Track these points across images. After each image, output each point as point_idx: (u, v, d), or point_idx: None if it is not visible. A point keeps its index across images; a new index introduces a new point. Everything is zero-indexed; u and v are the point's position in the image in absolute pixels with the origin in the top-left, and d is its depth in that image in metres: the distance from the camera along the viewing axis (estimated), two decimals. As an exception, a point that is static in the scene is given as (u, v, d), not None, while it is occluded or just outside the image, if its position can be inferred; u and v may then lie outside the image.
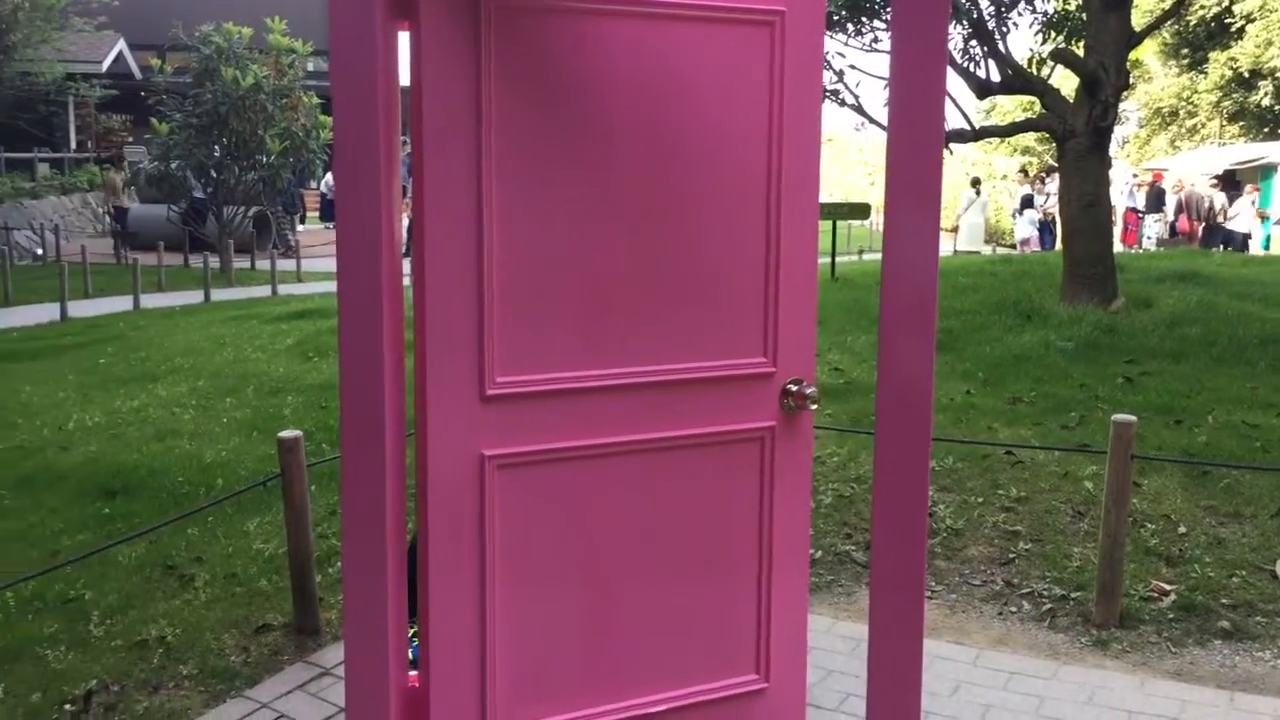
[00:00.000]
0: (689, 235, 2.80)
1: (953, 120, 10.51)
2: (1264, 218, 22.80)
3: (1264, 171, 23.71)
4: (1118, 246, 18.57)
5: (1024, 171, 24.34)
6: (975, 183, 24.18)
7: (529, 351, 2.65)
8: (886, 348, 2.32)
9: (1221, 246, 19.99)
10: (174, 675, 3.71)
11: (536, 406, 2.67)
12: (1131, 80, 9.66)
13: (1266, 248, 20.95)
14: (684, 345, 2.82)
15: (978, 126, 10.21)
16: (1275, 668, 3.70)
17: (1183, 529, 4.60)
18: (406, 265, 2.53)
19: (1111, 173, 9.45)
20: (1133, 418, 3.96)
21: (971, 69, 9.87)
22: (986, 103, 29.94)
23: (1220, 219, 21.89)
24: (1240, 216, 21.09)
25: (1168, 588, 4.17)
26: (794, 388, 2.93)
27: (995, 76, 9.64)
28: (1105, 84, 8.49)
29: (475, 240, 2.56)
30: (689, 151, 2.77)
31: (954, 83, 10.00)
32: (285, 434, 4.00)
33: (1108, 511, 3.93)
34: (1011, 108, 29.82)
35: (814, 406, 2.95)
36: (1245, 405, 6.08)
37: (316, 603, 4.08)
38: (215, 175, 19.26)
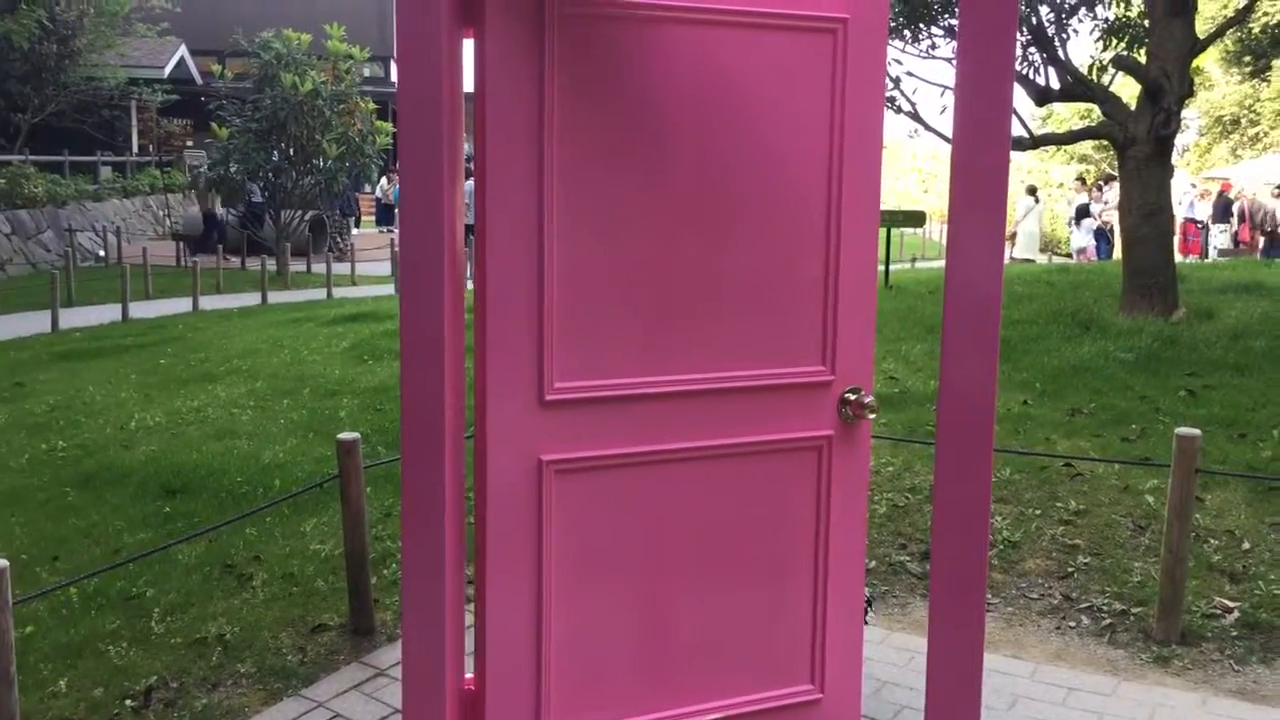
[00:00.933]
0: (749, 243, 2.79)
1: (1011, 128, 10.38)
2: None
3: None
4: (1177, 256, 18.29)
5: (1081, 180, 24.00)
6: (1032, 190, 23.86)
7: (588, 357, 2.66)
8: (949, 357, 2.31)
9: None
10: (232, 673, 3.76)
11: (595, 412, 2.68)
12: (1193, 88, 9.50)
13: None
14: (743, 353, 2.82)
15: (1036, 134, 10.10)
16: (1342, 688, 3.61)
17: (1246, 545, 4.51)
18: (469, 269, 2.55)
19: (1172, 182, 9.29)
20: (1196, 431, 3.89)
21: (1031, 76, 9.76)
22: (1044, 110, 29.63)
23: (1280, 228, 21.47)
24: None
25: (1231, 604, 4.10)
26: (852, 396, 2.92)
27: (1055, 84, 9.53)
28: (1168, 91, 8.36)
29: (536, 246, 2.57)
30: (750, 159, 2.77)
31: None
32: (343, 436, 4.04)
33: (1170, 526, 3.87)
34: (1069, 115, 29.46)
35: (872, 416, 2.94)
36: (1312, 419, 5.96)
37: (372, 604, 4.12)
38: (273, 179, 19.52)
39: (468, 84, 2.54)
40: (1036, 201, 22.83)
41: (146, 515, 5.43)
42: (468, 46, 2.53)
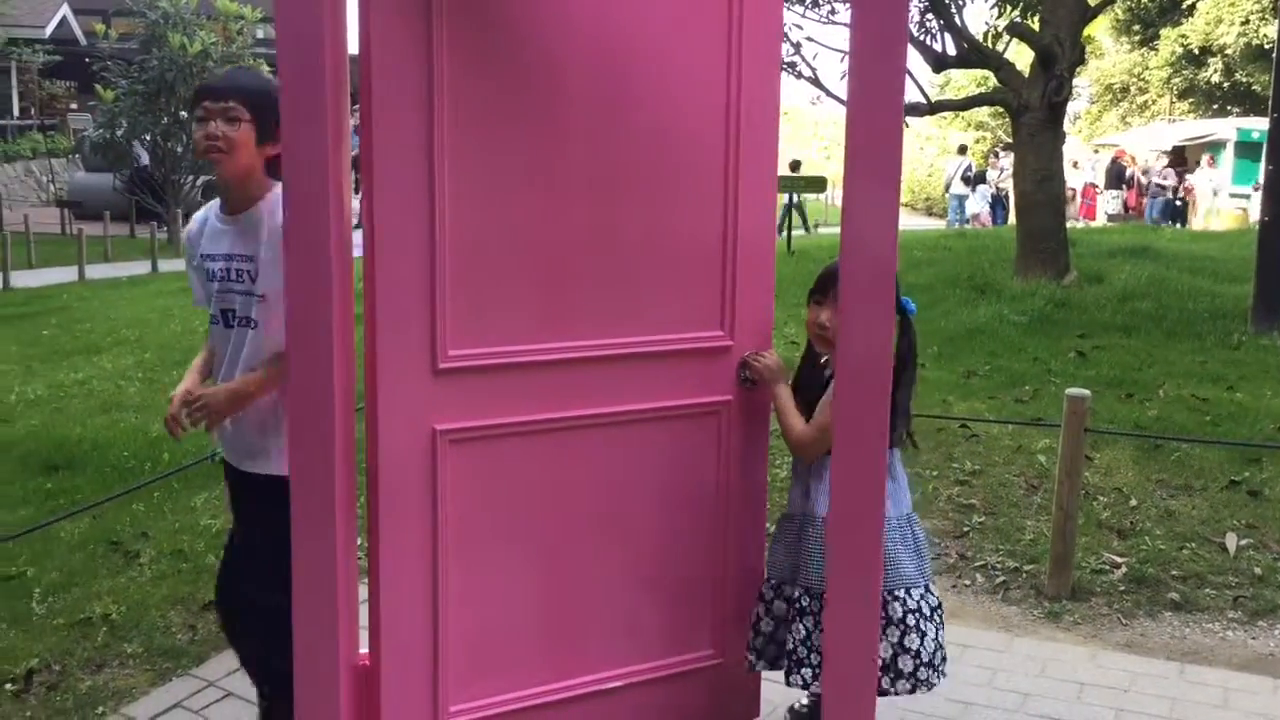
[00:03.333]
0: (646, 207, 2.75)
1: (909, 94, 10.50)
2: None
3: (1212, 148, 24.00)
4: (1076, 220, 18.78)
5: (962, 148, 24.36)
6: (962, 149, 24.09)
7: (481, 325, 2.60)
8: (846, 322, 2.29)
9: (1171, 222, 20.29)
10: (118, 653, 3.63)
11: (490, 380, 2.62)
12: (1085, 55, 9.69)
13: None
14: (640, 318, 2.78)
15: (934, 100, 10.22)
16: (1224, 639, 3.74)
17: (1134, 502, 4.64)
18: (357, 237, 2.46)
19: (1065, 148, 9.49)
20: (1086, 392, 3.97)
21: (928, 42, 9.87)
22: (941, 77, 30.07)
23: (1169, 195, 22.19)
24: (1198, 188, 21.44)
25: (1119, 560, 4.21)
26: (752, 362, 2.91)
27: (951, 50, 9.64)
28: (1060, 58, 8.51)
29: (427, 211, 2.50)
30: (647, 123, 2.72)
31: (910, 56, 9.98)
32: (233, 408, 3.91)
33: (1060, 484, 3.95)
34: (965, 82, 29.94)
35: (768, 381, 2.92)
36: (1195, 379, 6.15)
37: (266, 579, 4.01)
38: (162, 143, 18.89)
39: (353, 46, 2.44)
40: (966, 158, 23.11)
41: (27, 492, 5.22)
42: (351, 6, 2.43)
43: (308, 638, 2.53)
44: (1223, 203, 22.37)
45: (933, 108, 9.94)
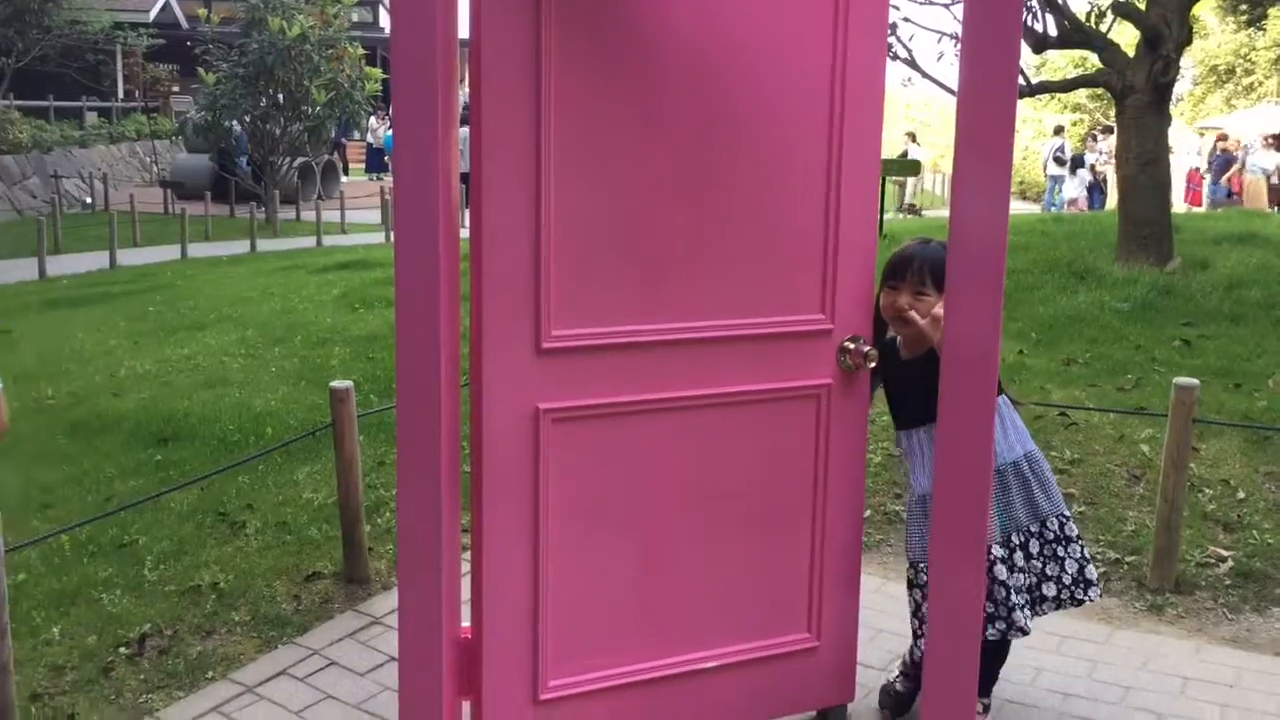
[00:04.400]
0: (749, 190, 2.75)
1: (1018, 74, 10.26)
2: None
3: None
4: (1180, 206, 18.23)
5: (1058, 130, 23.75)
6: (1058, 130, 23.53)
7: (585, 305, 2.62)
8: (953, 307, 2.27)
9: (1276, 208, 19.59)
10: (226, 621, 3.75)
11: (592, 361, 2.65)
12: (1192, 35, 9.39)
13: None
14: (742, 301, 2.78)
15: (1033, 82, 10.00)
16: (1335, 637, 3.63)
17: (1241, 494, 4.52)
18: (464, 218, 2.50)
19: (1170, 130, 9.21)
20: (1195, 381, 3.87)
21: (1029, 23, 9.64)
22: (1038, 58, 29.38)
23: (1276, 179, 21.43)
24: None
25: (1225, 553, 4.11)
26: (851, 345, 2.90)
27: (1053, 30, 9.41)
28: (1167, 39, 8.27)
29: (533, 191, 2.53)
30: (750, 106, 2.72)
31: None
32: (336, 384, 4.01)
33: (1166, 475, 3.86)
34: (1063, 63, 29.24)
35: (872, 365, 2.91)
36: (1307, 369, 5.96)
37: (366, 552, 4.11)
38: (261, 126, 19.30)
39: (463, 30, 2.47)
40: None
41: (138, 463, 5.41)
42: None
43: (412, 608, 2.59)
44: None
45: (1033, 90, 9.73)
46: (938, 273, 2.81)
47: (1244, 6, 29.89)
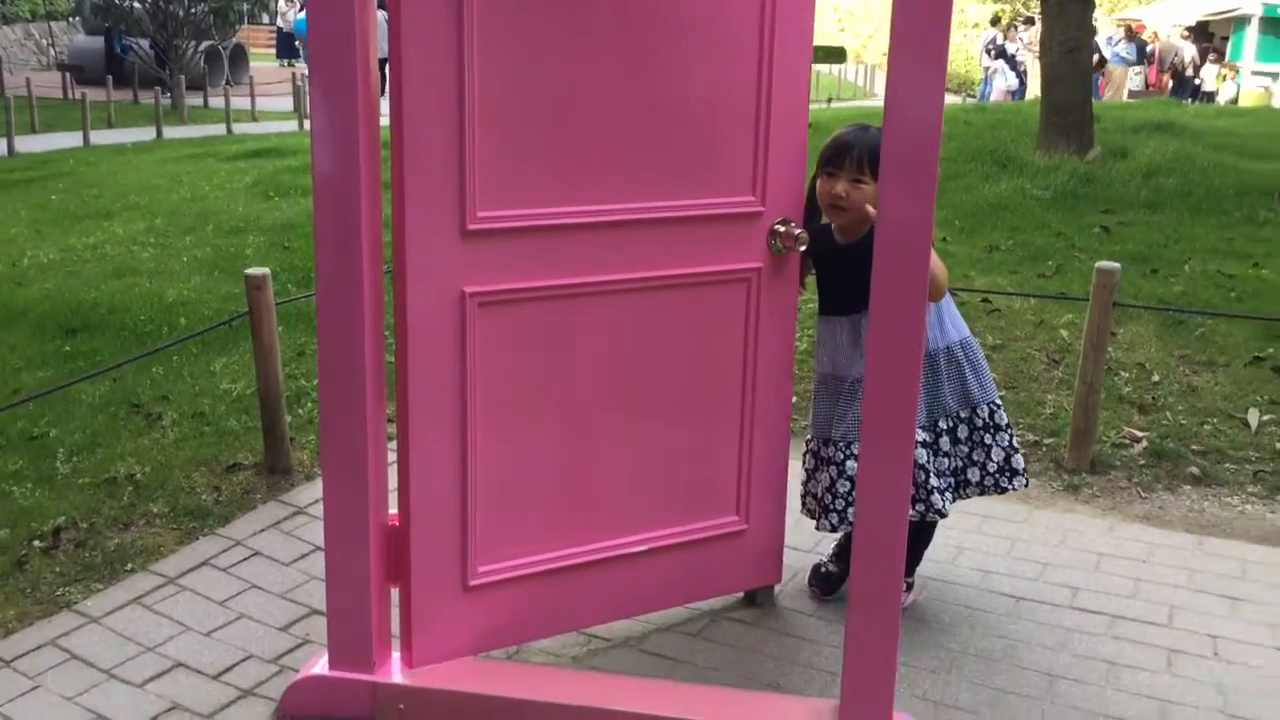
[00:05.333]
0: (680, 68, 2.67)
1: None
2: (1236, 70, 22.64)
3: (1236, 24, 23.40)
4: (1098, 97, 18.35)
5: (995, 20, 23.70)
6: (995, 20, 23.34)
7: (512, 187, 2.54)
8: (886, 197, 2.24)
9: (1190, 100, 19.87)
10: (144, 513, 3.67)
11: (520, 243, 2.58)
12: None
13: (1235, 102, 20.83)
14: (673, 183, 2.72)
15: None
16: (1243, 513, 3.76)
17: (1156, 378, 4.62)
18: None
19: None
20: (1116, 265, 3.92)
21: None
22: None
23: (1189, 72, 21.71)
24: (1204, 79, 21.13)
25: (1139, 434, 4.21)
26: (781, 228, 2.86)
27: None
28: (1093, -76, 8.22)
29: (457, 70, 2.41)
30: (681, -21, 2.62)
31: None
32: (252, 271, 3.88)
33: (1085, 357, 3.92)
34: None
35: (803, 248, 2.88)
36: (1221, 255, 6.08)
37: (288, 443, 4.03)
38: (164, 6, 18.47)
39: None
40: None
41: (45, 354, 5.23)
42: None
43: (337, 496, 2.56)
44: (1245, 81, 21.92)
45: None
46: (876, 160, 2.76)
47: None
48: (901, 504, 2.35)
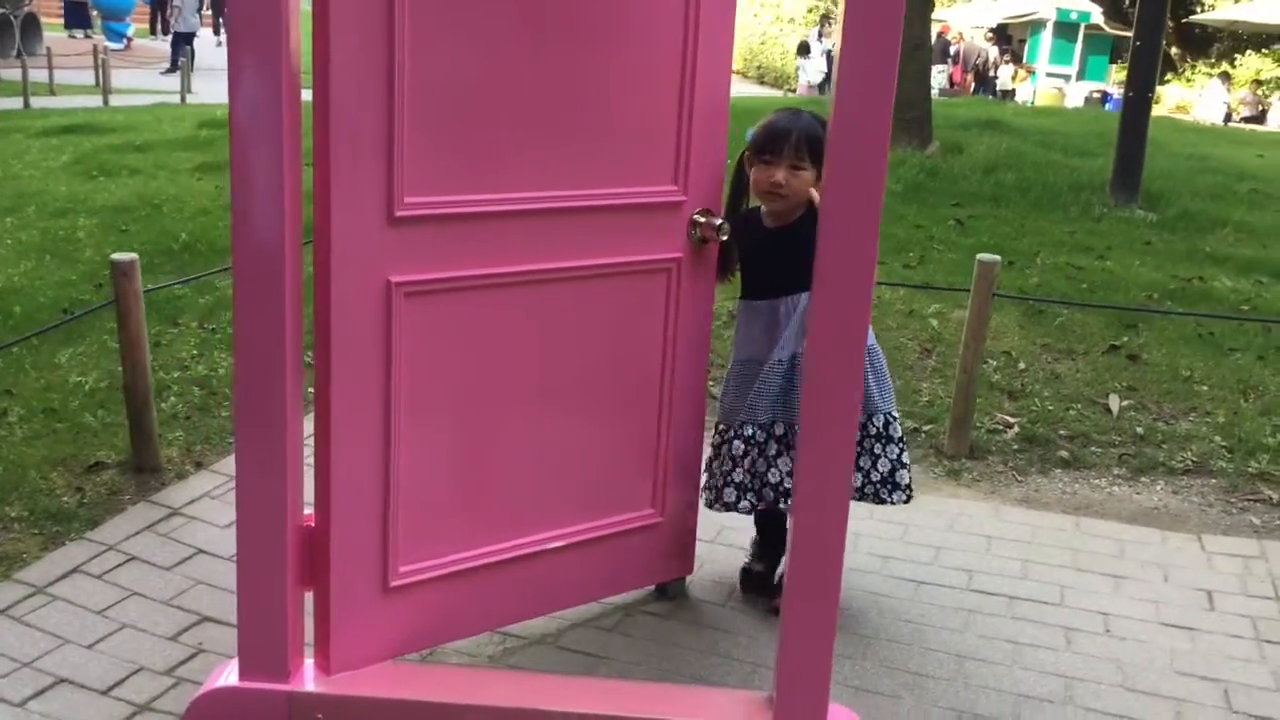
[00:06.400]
0: (605, 59, 2.61)
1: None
2: (1031, 72, 23.91)
3: (1033, 27, 24.71)
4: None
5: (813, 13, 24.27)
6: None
7: (439, 172, 2.43)
8: (836, 181, 2.24)
9: (992, 97, 20.87)
10: (1, 518, 3.39)
11: (447, 230, 2.47)
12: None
13: (1032, 103, 21.98)
14: (598, 171, 2.66)
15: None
16: (1111, 494, 3.94)
17: (1022, 365, 4.81)
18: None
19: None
20: (996, 257, 4.05)
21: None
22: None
23: (991, 73, 22.81)
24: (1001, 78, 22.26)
25: (1011, 420, 4.37)
26: (702, 219, 2.83)
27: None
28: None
29: (386, 54, 2.29)
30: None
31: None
32: (119, 257, 3.62)
33: (966, 346, 4.05)
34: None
35: (724, 238, 2.86)
36: (1067, 248, 6.38)
37: (156, 439, 3.79)
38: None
39: None
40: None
41: None
42: None
43: (250, 497, 2.40)
44: (1040, 83, 23.19)
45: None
46: (815, 146, 2.77)
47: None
48: (841, 491, 2.36)
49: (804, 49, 21.98)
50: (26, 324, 4.88)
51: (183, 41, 19.63)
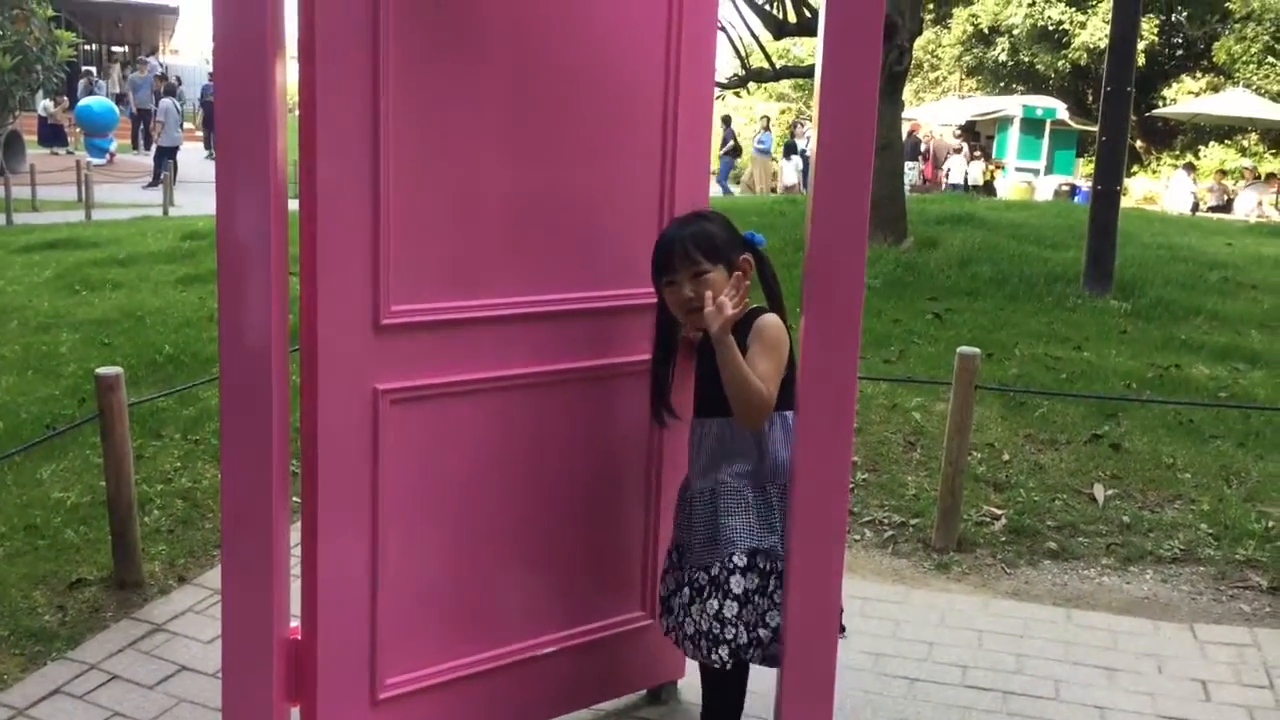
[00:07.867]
0: (588, 164, 2.68)
1: (738, 63, 10.62)
2: (1001, 167, 24.43)
3: (1001, 124, 25.29)
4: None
5: (765, 120, 24.70)
6: (726, 121, 23.94)
7: (424, 280, 2.47)
8: (820, 269, 2.29)
9: (964, 193, 21.30)
10: (-20, 638, 3.34)
11: (433, 337, 2.50)
12: (923, 26, 9.97)
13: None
14: (583, 275, 2.72)
15: (778, 67, 10.35)
16: (1101, 585, 3.93)
17: (1006, 456, 4.83)
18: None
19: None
20: (976, 350, 4.09)
21: (770, 9, 9.97)
22: (749, 46, 30.36)
23: (963, 169, 23.34)
24: (954, 171, 22.90)
25: (998, 512, 4.37)
26: (684, 319, 2.85)
27: (792, 18, 9.77)
28: (901, 29, 8.74)
29: (371, 160, 2.35)
30: (593, 83, 2.65)
31: (752, 23, 10.09)
32: (104, 370, 3.62)
33: (951, 439, 4.06)
34: (802, 53, 30.37)
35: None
36: (1044, 340, 6.44)
37: (139, 554, 3.75)
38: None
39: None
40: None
41: None
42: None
43: (236, 610, 2.37)
44: (1011, 178, 23.70)
45: (777, 74, 10.06)
46: (706, 244, 2.54)
47: (931, 5, 31.98)
48: (833, 607, 2.36)
49: (790, 150, 22.41)
50: (9, 440, 4.84)
51: (166, 155, 19.83)
